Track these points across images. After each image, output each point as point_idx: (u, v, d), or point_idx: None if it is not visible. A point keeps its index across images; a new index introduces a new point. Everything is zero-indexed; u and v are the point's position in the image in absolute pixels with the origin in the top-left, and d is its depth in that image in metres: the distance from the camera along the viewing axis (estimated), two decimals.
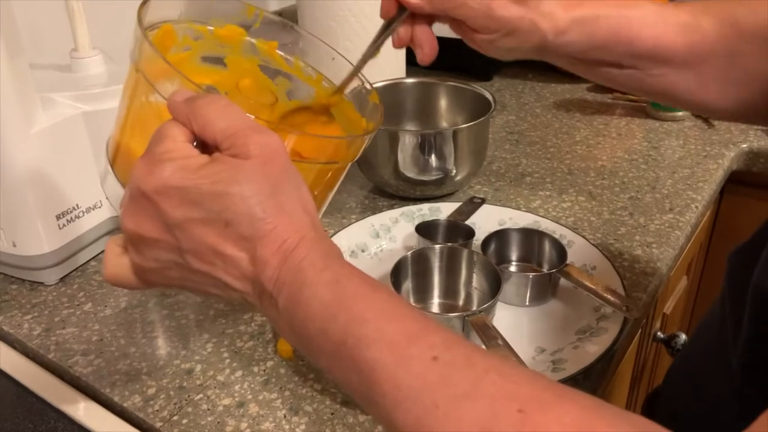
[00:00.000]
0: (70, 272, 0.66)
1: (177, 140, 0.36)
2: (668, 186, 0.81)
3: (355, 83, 0.53)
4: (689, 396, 0.52)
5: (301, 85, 0.55)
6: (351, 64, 0.52)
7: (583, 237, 0.68)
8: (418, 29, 0.52)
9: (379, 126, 0.49)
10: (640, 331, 0.74)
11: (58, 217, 0.63)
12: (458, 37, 0.54)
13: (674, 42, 0.48)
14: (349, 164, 0.48)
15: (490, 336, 0.52)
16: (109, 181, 0.46)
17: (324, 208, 0.50)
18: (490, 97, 0.78)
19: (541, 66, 1.20)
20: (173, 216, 0.35)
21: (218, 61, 0.52)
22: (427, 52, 0.53)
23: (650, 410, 0.59)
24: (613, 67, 0.51)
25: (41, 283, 0.65)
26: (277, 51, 0.53)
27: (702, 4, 0.50)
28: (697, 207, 0.77)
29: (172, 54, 0.49)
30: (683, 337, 0.80)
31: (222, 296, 0.38)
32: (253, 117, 0.39)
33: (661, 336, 0.82)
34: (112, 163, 0.46)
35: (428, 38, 0.53)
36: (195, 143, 0.37)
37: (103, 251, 0.69)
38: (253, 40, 0.53)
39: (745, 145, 0.91)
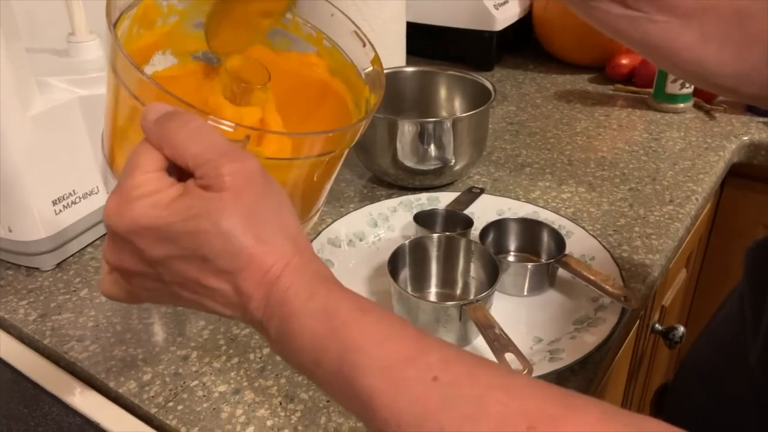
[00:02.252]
0: (67, 258, 0.66)
1: (147, 171, 0.35)
2: (668, 177, 0.81)
3: (361, 51, 0.51)
4: (703, 392, 0.51)
5: (301, 43, 0.53)
6: (350, 20, 0.50)
7: (583, 228, 0.68)
8: None
9: (380, 101, 0.47)
10: (638, 322, 0.74)
11: (54, 203, 0.62)
12: (460, 27, 0.52)
13: None
14: (347, 150, 0.47)
15: (487, 325, 0.51)
16: (108, 178, 0.45)
17: (323, 196, 0.49)
18: (490, 87, 0.78)
19: (542, 56, 1.20)
20: (151, 254, 0.34)
21: None
22: None
23: (659, 405, 0.59)
24: (617, 3, 0.47)
25: (37, 268, 0.65)
26: None
27: None
28: (697, 199, 0.77)
29: (158, 27, 0.47)
30: (681, 329, 0.80)
31: (219, 315, 0.37)
32: (234, 124, 0.37)
33: (659, 328, 0.82)
34: (109, 162, 0.45)
35: None
36: (168, 167, 0.36)
37: (100, 237, 0.69)
38: None
39: (746, 138, 0.91)
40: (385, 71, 0.84)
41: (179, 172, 0.36)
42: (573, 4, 0.49)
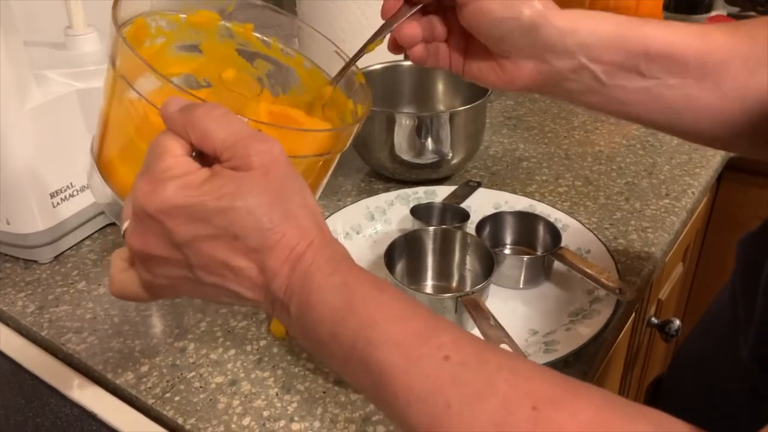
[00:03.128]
0: (65, 251, 0.66)
1: (176, 155, 0.36)
2: (665, 171, 0.81)
3: (339, 62, 0.52)
4: (695, 384, 0.51)
5: (282, 66, 0.54)
6: (329, 40, 0.51)
7: (579, 221, 0.68)
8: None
9: (368, 111, 0.48)
10: (634, 315, 0.74)
11: (52, 196, 0.62)
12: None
13: (688, 45, 0.45)
14: (339, 155, 0.48)
15: (482, 317, 0.52)
16: (94, 179, 0.46)
17: (316, 197, 0.50)
18: None
19: None
20: (181, 234, 0.35)
21: (194, 48, 0.52)
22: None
23: (653, 398, 0.59)
24: (631, 75, 0.46)
25: (35, 261, 0.65)
26: (254, 33, 0.53)
27: (711, 25, 0.48)
28: (693, 193, 0.77)
29: (146, 47, 0.48)
30: (677, 323, 0.80)
31: (235, 304, 0.38)
32: (247, 119, 0.38)
33: (655, 321, 0.82)
34: (98, 163, 0.46)
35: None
36: (193, 154, 0.37)
37: (98, 230, 0.69)
38: (227, 24, 0.52)
39: None
40: (383, 65, 0.84)
41: (201, 160, 0.37)
42: (594, 94, 0.48)
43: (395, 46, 0.50)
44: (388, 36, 0.50)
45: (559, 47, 0.45)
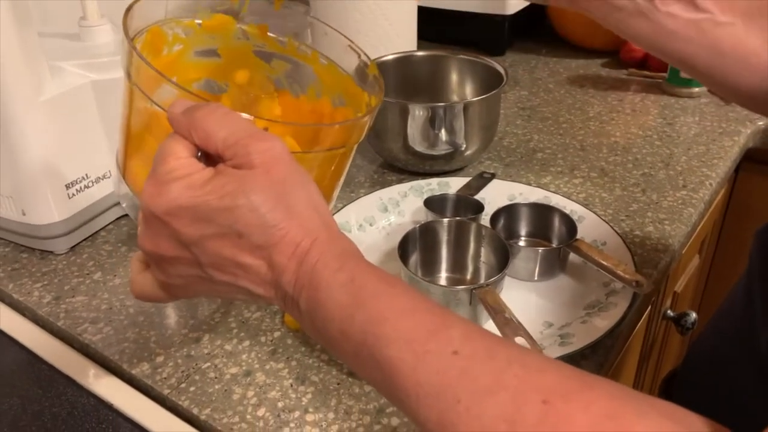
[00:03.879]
0: (80, 242, 0.67)
1: (180, 157, 0.36)
2: (682, 163, 0.80)
3: (353, 59, 0.52)
4: (710, 378, 0.51)
5: (299, 64, 0.54)
6: (343, 36, 0.51)
7: (594, 213, 0.67)
8: None
9: (380, 102, 0.48)
10: (649, 308, 0.74)
11: (67, 187, 0.63)
12: (471, 11, 0.52)
13: None
14: (356, 146, 0.48)
15: (497, 309, 0.51)
16: (122, 189, 0.46)
17: (335, 195, 0.50)
18: (501, 71, 0.77)
19: (555, 41, 1.18)
20: (187, 234, 0.35)
21: (212, 52, 0.52)
22: None
23: (667, 392, 0.59)
24: (685, 3, 0.45)
25: (51, 252, 0.65)
26: (269, 33, 0.53)
27: None
28: (711, 184, 0.76)
29: (164, 55, 0.49)
30: (693, 315, 0.80)
31: (249, 301, 0.38)
32: (253, 117, 0.38)
33: (671, 314, 0.82)
34: (123, 173, 0.46)
35: None
36: (199, 154, 0.37)
37: (113, 221, 0.69)
38: (243, 26, 0.52)
39: (761, 122, 0.89)
40: (396, 55, 0.84)
41: (207, 159, 0.37)
42: (645, 17, 0.47)
43: None
44: None
45: None
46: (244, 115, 0.38)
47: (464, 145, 0.74)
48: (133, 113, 0.44)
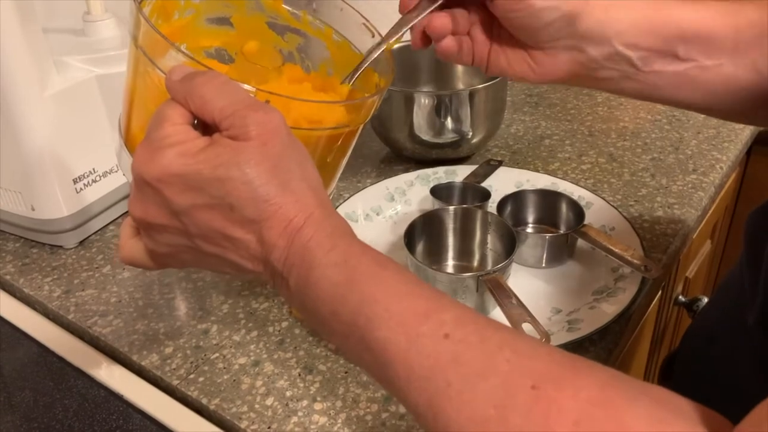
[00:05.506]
0: (89, 236, 0.67)
1: (175, 123, 0.35)
2: (692, 146, 0.79)
3: (366, 38, 0.51)
4: (707, 355, 0.51)
5: (311, 39, 0.53)
6: (358, 12, 0.51)
7: (603, 198, 0.67)
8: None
9: (390, 83, 0.48)
10: (660, 293, 0.73)
11: (75, 181, 0.63)
12: None
13: (720, 24, 0.44)
14: (361, 126, 0.47)
15: (504, 296, 0.51)
16: (123, 158, 0.46)
17: (338, 175, 0.50)
18: None
19: None
20: (178, 203, 0.35)
21: (225, 21, 0.51)
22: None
23: (668, 373, 0.59)
24: (667, 59, 0.45)
25: (61, 246, 0.66)
26: (284, 5, 0.52)
27: (741, 1, 0.47)
28: (721, 167, 0.75)
29: (175, 20, 0.48)
30: (705, 300, 0.79)
31: (237, 275, 0.37)
32: (254, 88, 0.38)
33: (683, 299, 0.81)
34: (125, 139, 0.46)
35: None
36: (195, 122, 0.36)
37: (122, 215, 0.70)
38: None
39: None
40: (402, 44, 0.83)
41: (204, 128, 0.36)
42: (630, 80, 0.46)
43: (422, 39, 0.48)
44: (409, 31, 0.48)
45: (597, 36, 0.44)
46: (246, 86, 0.37)
47: (470, 133, 0.74)
48: (137, 79, 0.43)
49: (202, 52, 0.51)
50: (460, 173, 0.72)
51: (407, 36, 0.60)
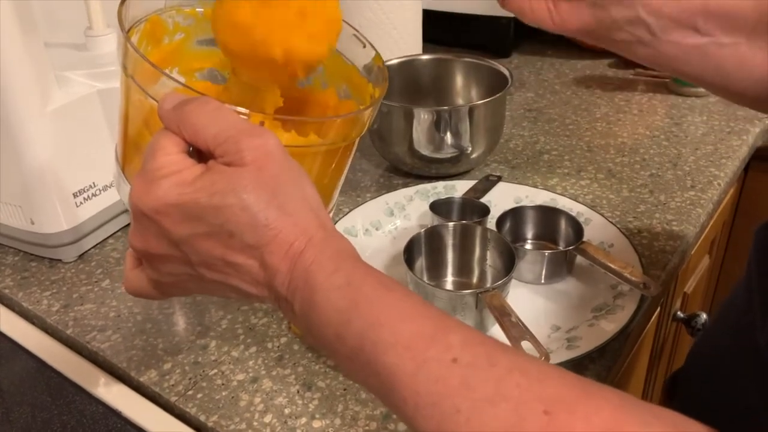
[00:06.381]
0: (88, 250, 0.67)
1: (169, 153, 0.35)
2: (690, 163, 0.80)
3: (358, 49, 0.51)
4: (712, 376, 0.51)
5: None
6: (348, 24, 0.51)
7: (601, 215, 0.67)
8: None
9: (383, 93, 0.47)
10: (659, 310, 0.73)
11: (75, 195, 0.63)
12: (477, 13, 0.51)
13: (744, 4, 0.45)
14: (357, 140, 0.47)
15: (503, 313, 0.51)
16: (122, 186, 0.46)
17: (337, 191, 0.50)
18: (506, 73, 0.77)
19: (560, 42, 1.18)
20: (177, 232, 0.34)
21: (214, 42, 0.52)
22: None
23: (671, 392, 0.59)
24: (686, 30, 0.46)
25: (60, 260, 0.66)
26: None
27: None
28: (719, 184, 0.75)
29: (165, 44, 0.48)
30: (704, 316, 0.79)
31: (242, 300, 0.37)
32: (248, 111, 0.37)
33: (681, 315, 0.81)
34: (122, 166, 0.46)
35: None
36: (190, 150, 0.36)
37: (121, 229, 0.70)
38: None
39: None
40: (401, 59, 0.84)
41: (199, 156, 0.36)
42: (646, 47, 0.47)
43: None
44: None
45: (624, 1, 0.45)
46: (240, 109, 0.37)
47: (470, 148, 0.74)
48: (130, 107, 0.43)
49: (194, 74, 0.51)
50: (459, 188, 0.72)
51: (407, 51, 0.60)
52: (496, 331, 0.53)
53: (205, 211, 0.34)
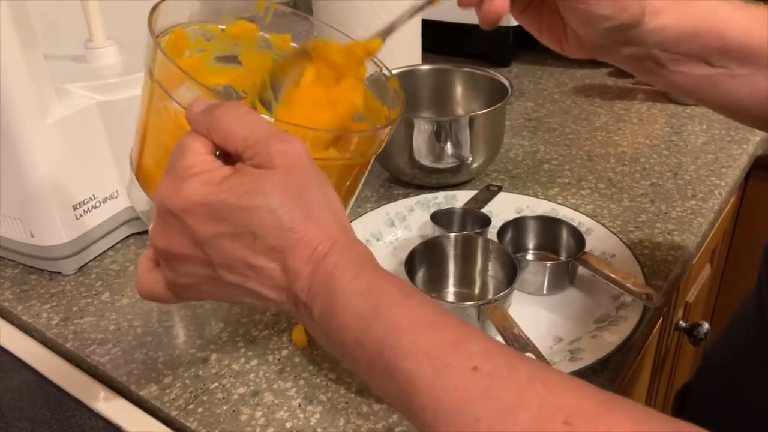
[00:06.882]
0: (88, 262, 0.67)
1: (198, 153, 0.35)
2: (691, 172, 0.80)
3: (372, 70, 0.52)
4: (722, 390, 0.50)
5: None
6: (353, 41, 0.51)
7: (603, 225, 0.67)
8: None
9: (400, 114, 0.48)
10: (661, 319, 0.73)
11: (75, 208, 0.63)
12: (476, 23, 0.52)
13: (762, 37, 0.44)
14: (372, 158, 0.48)
15: (505, 325, 0.51)
16: (134, 192, 0.46)
17: (348, 208, 0.50)
18: (506, 83, 0.77)
19: None
20: (201, 232, 0.35)
21: (233, 59, 0.52)
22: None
23: (681, 406, 0.58)
24: (699, 64, 0.46)
25: (59, 273, 0.65)
26: (291, 43, 0.53)
27: None
28: (720, 193, 0.75)
29: (186, 57, 0.49)
30: (706, 326, 0.79)
31: (258, 305, 0.37)
32: (273, 119, 0.38)
33: (684, 325, 0.81)
34: (136, 172, 0.46)
35: None
36: (217, 153, 0.37)
37: (120, 241, 0.70)
38: (266, 35, 0.52)
39: None
40: (400, 69, 0.84)
41: (225, 158, 0.36)
42: (651, 74, 0.47)
43: None
44: None
45: (637, 42, 0.45)
46: (265, 116, 0.38)
47: (470, 158, 0.74)
48: (151, 112, 0.43)
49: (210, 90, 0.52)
50: (460, 198, 0.72)
51: (407, 61, 0.60)
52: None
53: (231, 211, 0.34)
